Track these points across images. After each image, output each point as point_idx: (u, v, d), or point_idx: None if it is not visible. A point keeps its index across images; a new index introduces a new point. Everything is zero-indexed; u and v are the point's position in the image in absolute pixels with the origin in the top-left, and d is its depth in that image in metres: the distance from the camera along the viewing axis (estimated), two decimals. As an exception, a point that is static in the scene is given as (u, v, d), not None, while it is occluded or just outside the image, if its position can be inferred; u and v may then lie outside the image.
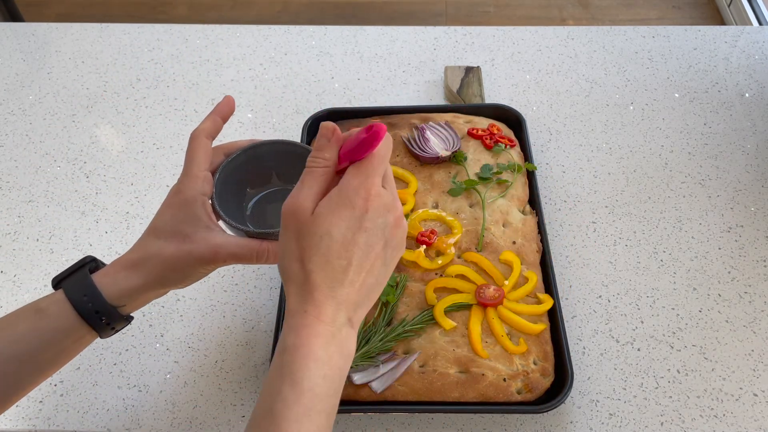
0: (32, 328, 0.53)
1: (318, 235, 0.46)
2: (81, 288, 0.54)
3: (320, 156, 0.48)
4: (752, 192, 0.88)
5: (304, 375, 0.44)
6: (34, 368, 0.54)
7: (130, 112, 1.01)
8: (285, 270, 0.47)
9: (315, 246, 0.46)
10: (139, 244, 0.56)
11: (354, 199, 0.46)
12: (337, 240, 0.46)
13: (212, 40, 1.11)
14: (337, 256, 0.46)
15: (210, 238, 0.55)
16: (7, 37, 1.14)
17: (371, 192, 0.47)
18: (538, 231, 0.79)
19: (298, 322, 0.45)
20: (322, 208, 0.46)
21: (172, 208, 0.56)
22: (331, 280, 0.46)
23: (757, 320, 0.76)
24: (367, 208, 0.46)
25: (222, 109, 0.61)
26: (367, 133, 0.47)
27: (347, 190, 0.46)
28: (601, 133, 0.96)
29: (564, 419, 0.69)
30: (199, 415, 0.71)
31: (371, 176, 0.47)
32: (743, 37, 1.11)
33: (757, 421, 0.69)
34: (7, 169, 0.94)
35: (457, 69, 1.02)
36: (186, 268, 0.55)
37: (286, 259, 0.47)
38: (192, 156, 0.58)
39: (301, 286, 0.46)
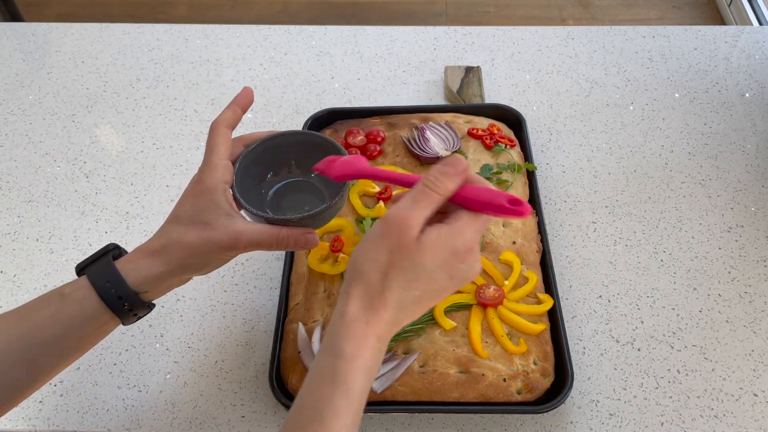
0: (56, 313, 0.54)
1: (414, 262, 0.46)
2: (104, 274, 0.55)
3: (443, 183, 0.48)
4: (752, 192, 0.88)
5: (356, 387, 0.45)
6: (57, 354, 0.55)
7: (130, 112, 1.01)
8: (361, 272, 0.47)
9: (405, 269, 0.46)
10: (161, 232, 0.57)
11: (459, 246, 0.47)
12: (426, 273, 0.47)
13: (212, 40, 1.11)
14: (417, 287, 0.47)
15: (231, 224, 0.55)
16: (7, 37, 1.14)
17: (474, 247, 0.48)
18: (538, 231, 0.79)
19: (358, 332, 0.46)
20: (428, 240, 0.47)
21: (194, 196, 0.57)
22: (401, 303, 0.47)
23: (757, 320, 0.76)
24: (464, 259, 0.48)
25: (241, 100, 0.62)
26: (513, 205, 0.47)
27: (458, 235, 0.47)
28: (601, 133, 0.96)
29: (564, 419, 0.69)
30: (199, 415, 0.71)
31: (479, 231, 0.49)
32: (743, 37, 1.11)
33: (757, 421, 0.69)
34: (7, 169, 0.94)
35: (457, 69, 1.02)
36: (207, 255, 0.56)
37: (368, 263, 0.47)
38: (212, 145, 0.59)
39: (372, 297, 0.46)
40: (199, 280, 0.81)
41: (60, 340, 0.54)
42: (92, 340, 0.56)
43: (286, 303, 0.75)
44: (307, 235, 0.58)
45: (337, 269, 0.75)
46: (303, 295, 0.74)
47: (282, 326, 0.73)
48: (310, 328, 0.71)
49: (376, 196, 0.81)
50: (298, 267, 0.77)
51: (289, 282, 0.77)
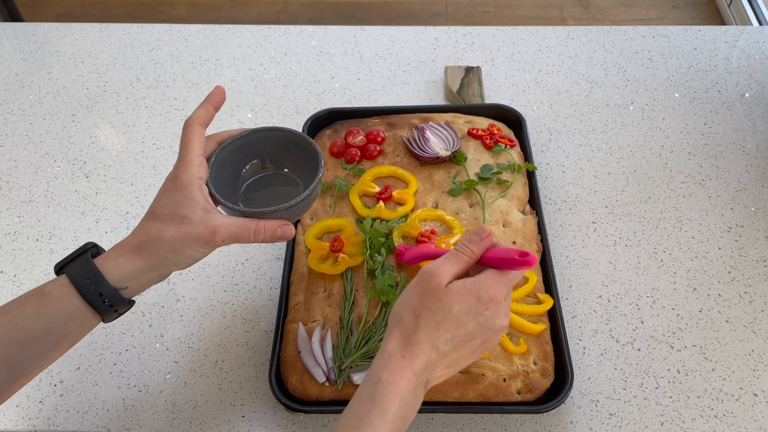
0: (37, 311, 0.54)
1: (441, 304, 0.53)
2: (84, 272, 0.55)
3: (470, 248, 0.56)
4: (752, 192, 0.88)
5: (391, 408, 0.50)
6: (39, 352, 0.55)
7: (130, 112, 1.01)
8: (398, 316, 0.54)
9: (434, 311, 0.53)
10: (139, 228, 0.58)
11: (482, 294, 0.53)
12: (453, 316, 0.53)
13: (212, 40, 1.11)
14: (446, 329, 0.53)
15: (208, 219, 0.57)
16: (7, 37, 1.14)
17: (497, 297, 0.54)
18: (538, 231, 0.79)
19: (395, 363, 0.52)
20: (455, 286, 0.54)
21: (170, 192, 0.58)
22: (432, 343, 0.53)
23: (757, 320, 0.76)
24: (488, 307, 0.53)
25: (214, 99, 0.63)
26: (520, 257, 0.54)
27: (481, 284, 0.54)
28: (601, 133, 0.96)
29: (564, 419, 0.69)
30: (199, 415, 0.71)
31: (503, 285, 0.54)
32: (743, 37, 1.11)
33: (757, 421, 0.69)
34: (7, 169, 0.94)
35: (457, 69, 1.02)
36: (186, 249, 0.57)
37: (403, 307, 0.54)
38: (186, 143, 0.60)
39: (407, 336, 0.53)
40: (199, 280, 0.81)
41: (41, 338, 0.54)
42: (73, 338, 0.57)
43: (286, 303, 0.75)
44: (283, 227, 0.61)
45: (337, 269, 0.75)
46: (303, 295, 0.74)
47: (282, 326, 0.73)
48: (310, 328, 0.71)
49: (376, 196, 0.81)
50: (298, 267, 0.77)
51: (289, 282, 0.77)
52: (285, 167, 0.67)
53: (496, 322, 0.54)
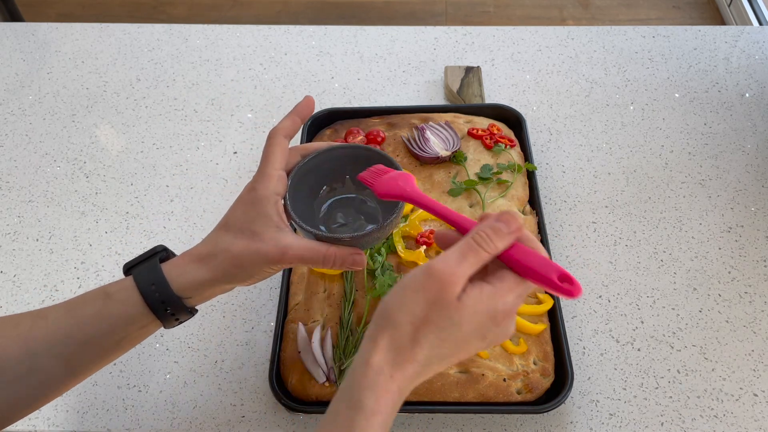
0: (99, 312, 0.53)
1: (451, 321, 0.45)
2: (150, 277, 0.54)
3: (494, 242, 0.47)
4: (752, 192, 0.88)
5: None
6: (97, 352, 0.55)
7: (130, 112, 1.01)
8: (393, 321, 0.45)
9: (440, 327, 0.45)
10: (209, 238, 0.56)
11: (499, 310, 0.46)
12: (461, 333, 0.45)
13: (212, 40, 1.11)
14: (448, 346, 0.46)
15: (279, 238, 0.54)
16: (7, 37, 1.14)
17: (512, 313, 0.47)
18: (538, 231, 0.79)
19: (380, 385, 0.44)
20: (469, 301, 0.45)
21: (245, 205, 0.56)
22: (429, 361, 0.46)
23: (757, 320, 0.76)
24: (501, 323, 0.46)
25: (302, 110, 0.61)
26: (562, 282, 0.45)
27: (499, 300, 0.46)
28: (601, 133, 0.96)
29: (564, 419, 0.69)
30: (199, 415, 0.71)
31: (520, 297, 0.47)
32: (743, 37, 1.11)
33: (757, 421, 0.69)
34: (7, 169, 0.94)
35: (457, 69, 1.02)
36: (253, 266, 0.55)
37: (401, 313, 0.45)
38: (268, 155, 0.58)
39: (400, 350, 0.45)
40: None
41: (101, 339, 0.54)
42: (132, 341, 0.56)
43: (286, 303, 0.75)
44: (354, 256, 0.56)
45: (336, 270, 0.75)
46: (303, 295, 0.74)
47: (282, 326, 0.73)
48: (310, 328, 0.72)
49: (376, 196, 0.81)
50: (298, 267, 0.77)
51: (289, 282, 0.77)
52: (366, 189, 0.63)
53: (502, 336, 0.48)
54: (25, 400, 0.54)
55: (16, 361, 0.52)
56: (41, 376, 0.53)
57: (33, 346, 0.53)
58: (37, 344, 0.53)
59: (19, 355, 0.52)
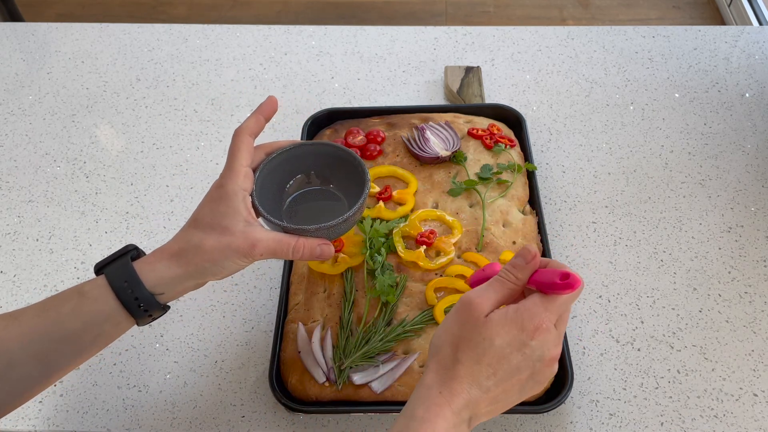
0: (74, 310, 0.55)
1: (482, 336, 0.49)
2: (122, 274, 0.55)
3: (514, 274, 0.53)
4: (752, 192, 0.88)
5: None
6: (72, 350, 0.55)
7: (129, 112, 1.01)
8: (437, 347, 0.51)
9: (474, 344, 0.50)
10: (180, 235, 0.58)
11: (526, 323, 0.50)
12: (495, 348, 0.49)
13: (212, 40, 1.11)
14: (488, 362, 0.49)
15: (249, 232, 0.57)
16: (7, 37, 1.14)
17: (543, 325, 0.50)
18: (538, 231, 0.79)
19: (431, 399, 0.49)
20: (496, 316, 0.50)
21: (214, 201, 0.58)
22: (473, 378, 0.49)
23: (757, 320, 0.76)
24: (534, 337, 0.50)
25: (265, 109, 0.63)
26: (562, 281, 0.50)
27: (524, 312, 0.50)
28: (601, 133, 0.96)
29: (564, 419, 0.69)
30: (199, 415, 0.71)
31: (550, 312, 0.50)
32: (743, 37, 1.11)
33: (757, 421, 0.69)
34: (7, 169, 0.94)
35: (457, 69, 1.02)
36: (224, 260, 0.56)
37: (442, 338, 0.51)
38: (234, 152, 0.60)
39: (445, 370, 0.50)
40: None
41: (76, 337, 0.55)
42: (107, 339, 0.57)
43: (286, 303, 0.75)
44: (322, 246, 0.60)
45: (337, 269, 0.75)
46: (303, 295, 0.74)
47: (282, 326, 0.73)
48: (310, 328, 0.71)
49: (376, 196, 0.81)
50: (298, 267, 0.77)
51: (289, 282, 0.77)
52: (330, 183, 0.67)
53: (544, 352, 0.50)
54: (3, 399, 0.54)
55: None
56: (17, 375, 0.54)
57: (8, 345, 0.53)
58: (12, 343, 0.53)
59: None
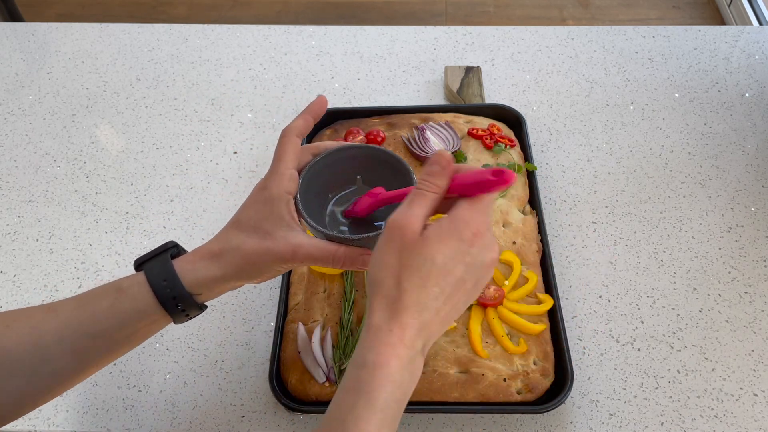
0: (112, 306, 0.54)
1: (422, 257, 0.46)
2: (161, 272, 0.55)
3: (433, 182, 0.49)
4: (752, 192, 0.88)
5: (380, 395, 0.44)
6: (107, 346, 0.55)
7: (129, 112, 1.01)
8: (377, 282, 0.48)
9: (416, 267, 0.46)
10: (221, 236, 0.57)
11: (464, 232, 0.47)
12: (438, 266, 0.46)
13: (212, 40, 1.11)
14: (434, 283, 0.46)
15: (290, 237, 0.55)
16: (7, 37, 1.14)
17: (481, 229, 0.48)
18: (538, 231, 0.79)
19: (381, 340, 0.46)
20: (431, 232, 0.47)
21: (257, 203, 0.57)
22: (421, 304, 0.46)
23: (757, 320, 0.76)
24: (473, 243, 0.47)
25: (314, 109, 0.62)
26: (496, 176, 0.47)
27: (459, 221, 0.47)
28: (601, 133, 0.96)
29: (564, 419, 0.69)
30: (199, 415, 0.71)
31: (484, 214, 0.48)
32: (743, 37, 1.11)
33: (757, 421, 0.69)
34: (7, 169, 0.94)
35: (457, 69, 1.02)
36: (263, 264, 0.55)
37: (381, 271, 0.48)
38: (281, 154, 0.58)
39: (392, 304, 0.46)
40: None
41: (112, 333, 0.54)
42: (142, 336, 0.57)
43: (286, 303, 0.75)
44: (363, 256, 0.57)
45: (337, 269, 0.75)
46: (303, 295, 0.74)
47: (282, 326, 0.73)
48: (310, 328, 0.72)
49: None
50: (298, 267, 0.77)
51: (289, 282, 0.77)
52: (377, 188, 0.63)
53: (486, 257, 0.48)
54: (35, 392, 0.54)
55: (28, 353, 0.53)
56: (52, 368, 0.53)
57: (44, 338, 0.53)
58: (49, 337, 0.53)
59: (31, 348, 0.53)
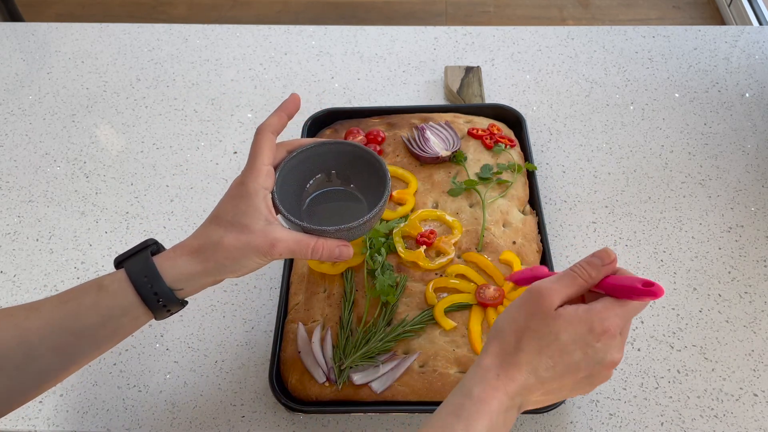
0: (94, 303, 0.55)
1: (548, 329, 0.50)
2: (142, 269, 0.56)
3: (589, 271, 0.52)
4: (752, 192, 0.88)
5: (477, 426, 0.48)
6: (90, 343, 0.56)
7: (129, 112, 1.01)
8: (500, 331, 0.52)
9: (540, 335, 0.50)
10: (200, 232, 0.58)
11: (595, 324, 0.50)
12: (559, 343, 0.50)
13: (212, 40, 1.11)
14: (550, 355, 0.50)
15: (269, 231, 0.57)
16: (7, 37, 1.14)
17: (611, 329, 0.50)
18: (538, 231, 0.79)
19: (488, 381, 0.50)
20: (566, 312, 0.50)
21: (235, 199, 0.58)
22: (532, 367, 0.50)
23: (757, 320, 0.76)
24: (600, 339, 0.50)
25: (288, 106, 0.63)
26: (645, 287, 0.50)
27: (595, 313, 0.50)
28: (601, 133, 0.96)
29: (564, 419, 0.69)
30: (199, 415, 0.71)
31: (620, 317, 0.51)
32: (743, 37, 1.11)
33: (757, 421, 0.69)
34: (7, 169, 0.94)
35: (457, 69, 1.02)
36: (243, 258, 0.57)
37: (508, 324, 0.52)
38: (257, 150, 0.60)
39: (506, 355, 0.51)
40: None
41: (95, 330, 0.55)
42: (125, 332, 0.57)
43: (286, 303, 0.75)
44: (341, 247, 0.60)
45: (337, 269, 0.75)
46: (303, 295, 0.74)
47: (282, 326, 0.73)
48: (310, 328, 0.71)
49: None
50: (298, 267, 0.77)
51: (289, 282, 0.77)
52: (351, 183, 0.66)
53: (607, 356, 0.51)
54: (20, 390, 0.54)
55: (12, 351, 0.53)
56: (37, 366, 0.54)
57: (28, 336, 0.53)
58: (32, 334, 0.54)
59: (15, 345, 0.53)
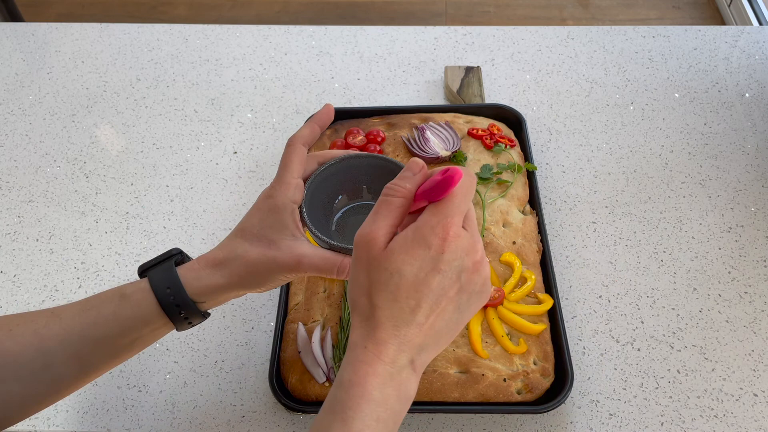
0: (115, 312, 0.54)
1: (388, 272, 0.44)
2: (165, 279, 0.54)
3: (400, 185, 0.47)
4: (752, 192, 0.88)
5: (356, 415, 0.42)
6: (110, 352, 0.55)
7: (130, 112, 1.01)
8: (353, 301, 0.46)
9: (384, 282, 0.44)
10: (225, 244, 0.57)
11: (430, 239, 0.44)
12: (407, 279, 0.44)
13: (212, 40, 1.11)
14: (406, 296, 0.44)
15: (295, 246, 0.55)
16: (7, 37, 1.14)
17: (449, 232, 0.44)
18: (538, 231, 0.79)
19: (356, 358, 0.44)
20: (395, 244, 0.45)
21: (262, 212, 0.56)
22: (396, 319, 0.44)
23: (757, 320, 0.76)
24: (444, 249, 0.44)
25: (321, 117, 0.61)
26: (443, 175, 0.44)
27: (424, 228, 0.44)
28: (601, 133, 0.96)
29: (564, 419, 0.69)
30: (199, 415, 0.71)
31: (450, 216, 0.45)
32: (743, 37, 1.11)
33: (757, 422, 0.69)
34: (7, 169, 0.94)
35: (457, 69, 1.02)
36: (267, 274, 0.55)
37: (354, 290, 0.46)
38: (286, 162, 0.58)
39: (366, 321, 0.45)
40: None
41: (115, 339, 0.54)
42: (144, 342, 0.56)
43: (286, 303, 0.75)
44: None
45: (339, 271, 0.75)
46: (303, 295, 0.74)
47: (282, 326, 0.73)
48: (310, 328, 0.72)
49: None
50: (298, 267, 0.77)
51: (289, 282, 0.77)
52: None
53: (464, 261, 0.45)
54: (38, 397, 0.54)
55: (30, 358, 0.52)
56: (54, 374, 0.53)
57: (47, 343, 0.53)
58: (51, 342, 0.53)
59: (34, 352, 0.53)
